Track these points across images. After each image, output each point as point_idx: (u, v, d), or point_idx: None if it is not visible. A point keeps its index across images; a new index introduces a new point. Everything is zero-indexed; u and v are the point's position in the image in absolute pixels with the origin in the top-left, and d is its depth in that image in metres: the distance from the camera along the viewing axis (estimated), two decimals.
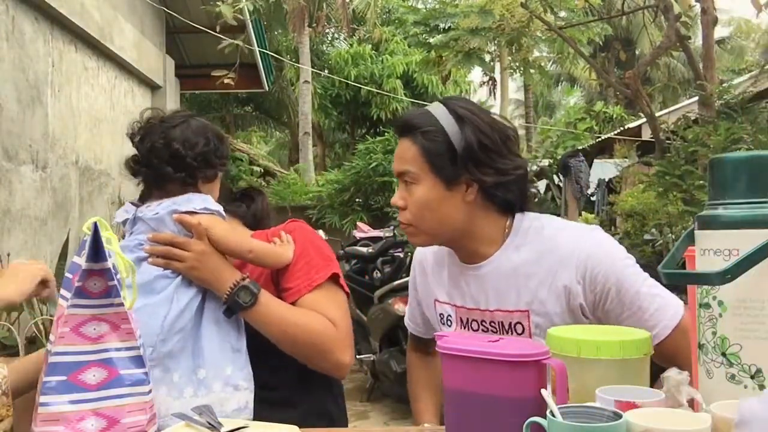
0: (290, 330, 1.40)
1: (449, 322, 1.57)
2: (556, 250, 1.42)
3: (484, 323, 1.50)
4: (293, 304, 1.46)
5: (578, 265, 1.40)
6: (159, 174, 1.39)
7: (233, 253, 1.41)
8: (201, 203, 1.37)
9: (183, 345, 1.31)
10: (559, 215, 8.00)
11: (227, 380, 1.34)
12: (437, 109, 1.45)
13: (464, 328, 1.54)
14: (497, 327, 1.48)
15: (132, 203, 1.45)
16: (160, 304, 1.31)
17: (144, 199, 1.46)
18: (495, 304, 1.47)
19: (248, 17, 6.95)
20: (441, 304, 1.59)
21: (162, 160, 1.38)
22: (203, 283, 1.36)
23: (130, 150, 1.50)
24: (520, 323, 1.45)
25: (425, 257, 1.66)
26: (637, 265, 1.43)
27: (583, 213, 8.39)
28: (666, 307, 1.37)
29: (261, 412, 1.32)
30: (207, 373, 1.32)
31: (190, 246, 1.35)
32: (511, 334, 1.46)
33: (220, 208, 1.40)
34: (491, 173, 1.41)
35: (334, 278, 1.50)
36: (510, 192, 1.45)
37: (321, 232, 6.15)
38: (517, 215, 1.50)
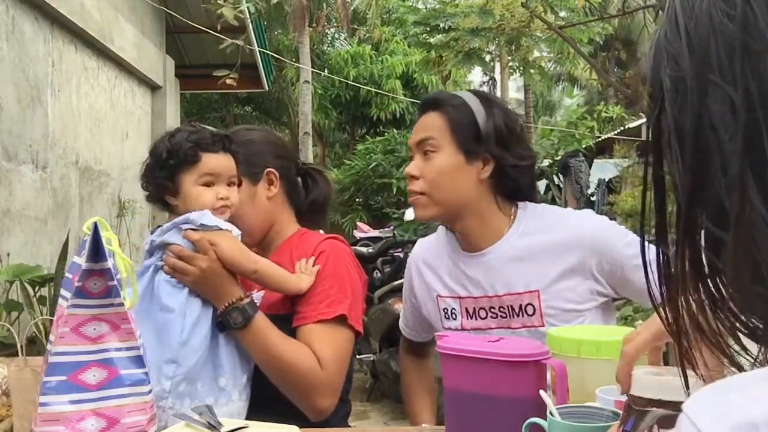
0: (274, 362, 1.39)
1: (454, 316, 1.57)
2: (562, 232, 1.48)
3: (492, 309, 1.51)
4: (297, 328, 1.45)
5: (585, 243, 1.46)
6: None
7: (238, 271, 1.40)
8: (198, 220, 1.36)
9: (204, 356, 1.33)
10: None
11: (243, 388, 1.38)
12: (465, 93, 1.55)
13: (471, 318, 1.54)
14: (507, 311, 1.49)
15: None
16: (174, 321, 1.32)
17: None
18: (503, 288, 1.49)
19: (249, 17, 6.95)
20: (443, 298, 1.59)
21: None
22: (206, 296, 1.37)
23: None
24: (531, 304, 1.47)
25: (420, 256, 1.67)
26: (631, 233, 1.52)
27: None
28: None
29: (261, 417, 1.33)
30: (227, 382, 1.35)
31: (195, 261, 1.35)
32: (522, 316, 1.48)
33: (219, 222, 1.37)
34: (509, 156, 1.48)
35: (344, 318, 1.46)
36: (523, 178, 1.52)
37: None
38: (521, 204, 1.54)
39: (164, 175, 1.38)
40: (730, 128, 0.44)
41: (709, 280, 0.48)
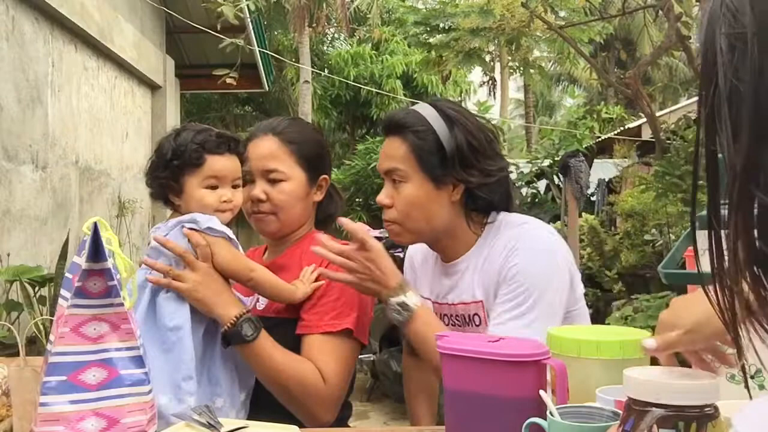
0: (276, 376, 1.38)
1: None
2: (503, 244, 1.45)
3: (450, 317, 1.54)
4: (301, 335, 1.44)
5: (507, 261, 1.41)
6: None
7: (234, 278, 1.40)
8: (205, 223, 1.34)
9: (199, 373, 1.32)
10: (559, 215, 8.01)
11: (240, 407, 1.38)
12: (426, 110, 1.47)
13: None
14: (460, 320, 1.52)
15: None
16: (185, 338, 1.32)
17: None
18: (458, 298, 1.51)
19: (248, 16, 6.95)
20: (424, 300, 1.60)
21: None
22: (202, 306, 1.34)
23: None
24: (477, 314, 1.48)
25: (415, 254, 1.70)
26: (547, 299, 1.39)
27: (583, 213, 8.38)
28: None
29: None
30: (224, 402, 1.35)
31: (195, 266, 1.33)
32: (471, 325, 1.49)
33: (225, 229, 1.36)
34: (477, 174, 1.44)
35: (350, 330, 1.45)
36: (494, 193, 1.48)
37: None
38: (491, 216, 1.52)
39: (168, 175, 1.38)
40: None
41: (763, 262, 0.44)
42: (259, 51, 8.11)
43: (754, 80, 0.42)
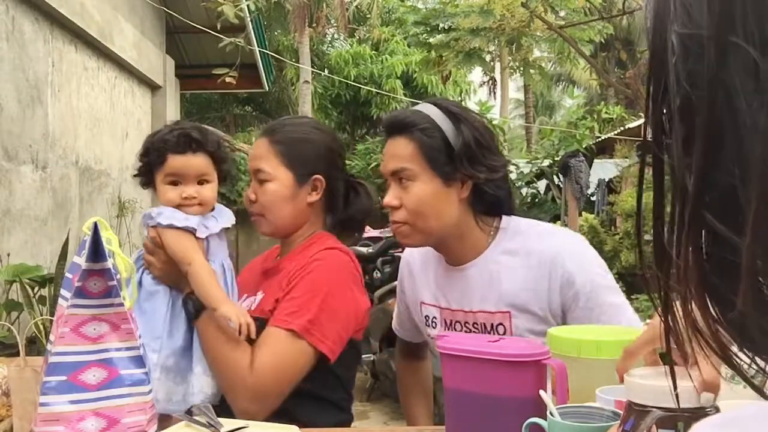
0: (208, 353, 1.40)
1: (434, 324, 1.57)
2: (538, 254, 1.44)
3: (467, 324, 1.51)
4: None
5: (556, 268, 1.42)
6: None
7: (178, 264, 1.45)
8: (156, 217, 1.43)
9: (185, 341, 1.41)
10: (559, 215, 8.01)
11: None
12: (430, 109, 1.47)
13: (448, 329, 1.54)
14: (480, 328, 1.49)
15: None
16: (160, 300, 1.44)
17: None
18: (478, 305, 1.48)
19: (248, 16, 6.95)
20: (426, 306, 1.59)
21: None
22: (171, 284, 1.45)
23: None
24: (501, 324, 1.46)
25: (412, 259, 1.67)
26: (613, 280, 1.47)
27: (583, 213, 8.39)
28: (632, 322, 1.40)
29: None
30: (203, 368, 1.42)
31: (154, 254, 1.44)
32: (493, 334, 1.47)
33: (174, 221, 1.41)
34: (484, 170, 1.44)
35: (306, 332, 1.40)
36: (500, 189, 1.48)
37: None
38: (504, 218, 1.51)
39: (143, 171, 1.49)
40: (752, 101, 0.35)
41: (713, 290, 0.40)
42: (259, 51, 8.11)
43: (709, 91, 0.37)
